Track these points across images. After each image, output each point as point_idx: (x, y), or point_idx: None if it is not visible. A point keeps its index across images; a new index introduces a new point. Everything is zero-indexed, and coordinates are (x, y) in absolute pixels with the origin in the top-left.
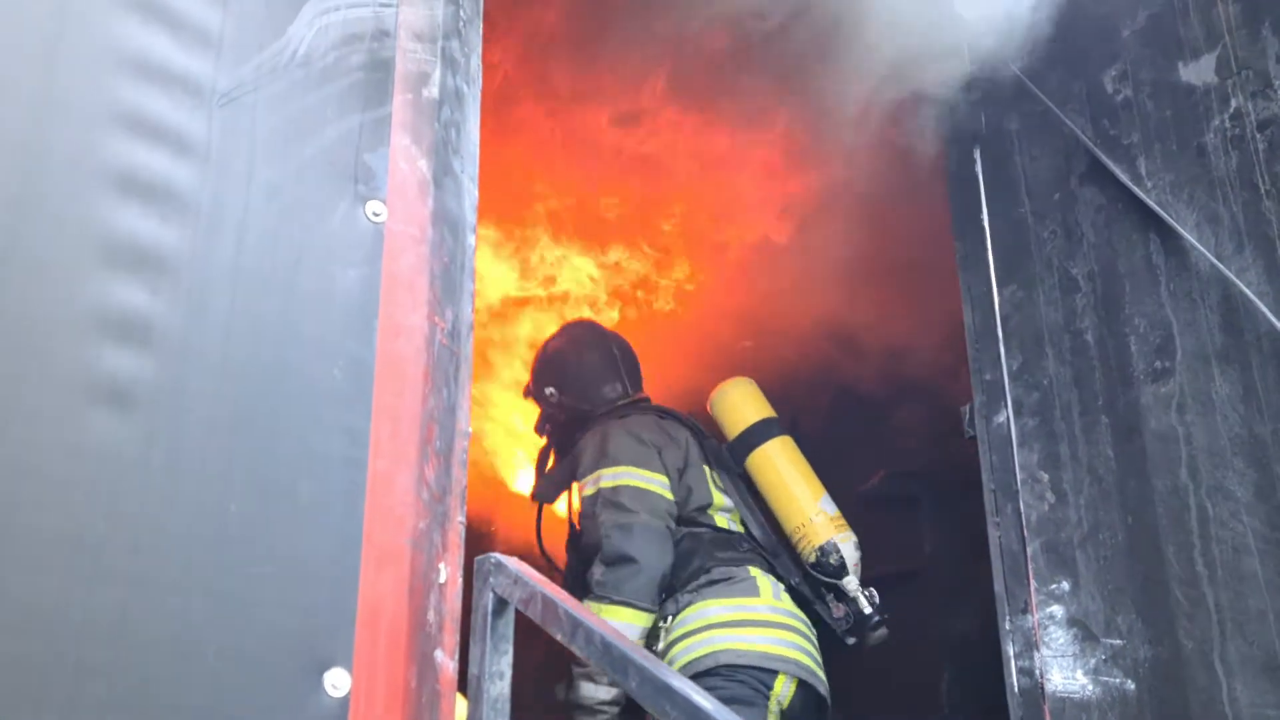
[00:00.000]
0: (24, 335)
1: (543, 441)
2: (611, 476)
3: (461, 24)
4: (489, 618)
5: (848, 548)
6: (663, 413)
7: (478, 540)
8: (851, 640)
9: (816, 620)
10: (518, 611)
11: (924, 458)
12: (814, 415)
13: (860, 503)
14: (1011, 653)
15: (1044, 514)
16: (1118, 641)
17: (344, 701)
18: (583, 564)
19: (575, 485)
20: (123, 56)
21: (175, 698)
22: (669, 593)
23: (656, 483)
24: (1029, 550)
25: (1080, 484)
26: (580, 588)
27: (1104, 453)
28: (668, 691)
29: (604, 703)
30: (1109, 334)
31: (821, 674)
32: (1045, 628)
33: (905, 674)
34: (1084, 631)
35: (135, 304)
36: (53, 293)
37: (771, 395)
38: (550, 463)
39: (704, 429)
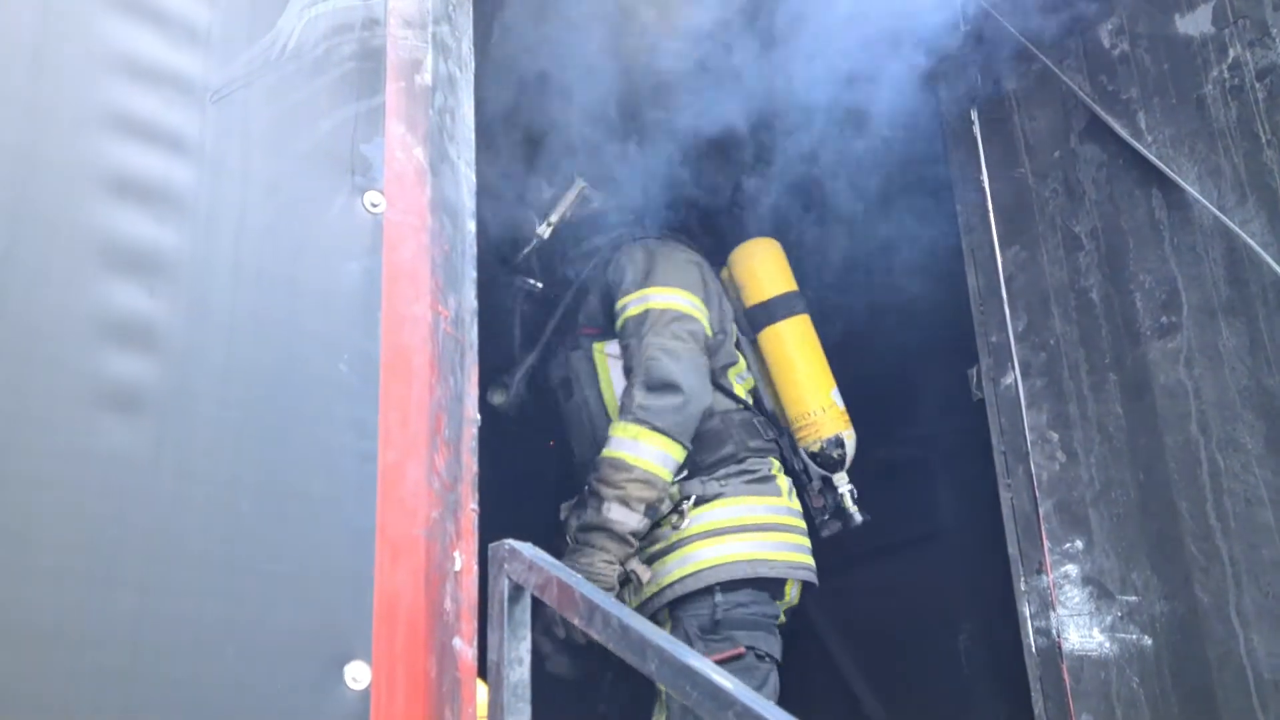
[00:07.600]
0: (27, 342)
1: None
2: (661, 298)
3: (451, 8)
4: (505, 604)
5: (850, 443)
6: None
7: None
8: (825, 533)
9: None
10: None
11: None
12: None
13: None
14: (1028, 613)
15: (1055, 474)
16: (1133, 598)
17: (365, 694)
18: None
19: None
20: (111, 56)
21: (196, 700)
22: (692, 471)
23: (702, 313)
24: (1041, 511)
25: (1091, 443)
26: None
27: (1113, 410)
28: (688, 673)
29: (633, 533)
30: (1114, 291)
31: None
32: (1060, 587)
33: (924, 636)
34: (1099, 589)
35: (136, 307)
36: (53, 298)
37: None
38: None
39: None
